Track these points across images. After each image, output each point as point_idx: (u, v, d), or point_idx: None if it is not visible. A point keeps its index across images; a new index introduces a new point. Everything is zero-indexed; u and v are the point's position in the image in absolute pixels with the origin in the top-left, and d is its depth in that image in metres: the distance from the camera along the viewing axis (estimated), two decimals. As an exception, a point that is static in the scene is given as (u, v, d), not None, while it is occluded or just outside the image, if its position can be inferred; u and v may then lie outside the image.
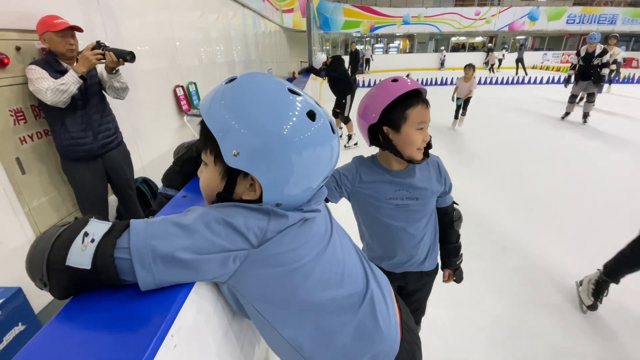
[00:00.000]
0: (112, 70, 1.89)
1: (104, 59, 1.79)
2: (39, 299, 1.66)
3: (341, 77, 5.01)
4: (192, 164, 0.90)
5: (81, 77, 1.72)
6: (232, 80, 0.54)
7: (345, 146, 5.03)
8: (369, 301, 0.62)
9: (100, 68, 1.95)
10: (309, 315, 0.57)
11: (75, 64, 1.82)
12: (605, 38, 6.24)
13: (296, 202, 0.57)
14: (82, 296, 0.47)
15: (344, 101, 4.99)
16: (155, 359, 0.40)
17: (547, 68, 17.13)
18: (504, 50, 16.80)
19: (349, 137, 5.08)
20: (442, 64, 17.66)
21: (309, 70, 5.46)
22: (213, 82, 4.39)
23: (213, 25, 4.50)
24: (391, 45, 21.95)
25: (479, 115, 6.66)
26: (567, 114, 6.28)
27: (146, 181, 2.63)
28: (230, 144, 0.50)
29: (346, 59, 7.13)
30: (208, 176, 0.58)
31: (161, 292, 0.48)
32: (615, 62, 7.57)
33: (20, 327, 1.47)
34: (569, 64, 6.30)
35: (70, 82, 1.68)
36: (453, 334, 1.69)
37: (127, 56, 1.81)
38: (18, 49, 1.73)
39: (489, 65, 14.98)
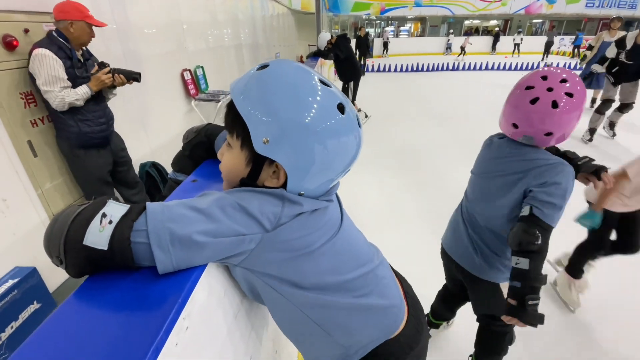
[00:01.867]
0: (115, 87, 1.97)
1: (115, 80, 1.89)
2: (54, 278, 1.71)
3: (348, 57, 4.87)
4: (202, 149, 0.90)
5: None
6: (263, 67, 0.54)
7: None
8: (375, 277, 0.66)
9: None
10: (318, 293, 0.58)
11: (80, 52, 1.86)
12: (606, 22, 5.01)
13: (317, 193, 0.58)
14: (96, 277, 0.48)
15: (346, 86, 4.89)
16: (168, 340, 0.40)
17: (564, 54, 16.54)
18: (521, 35, 16.17)
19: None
20: (447, 48, 17.28)
21: (316, 54, 5.36)
22: (220, 66, 4.34)
23: (220, 7, 4.41)
24: (402, 28, 21.33)
25: (485, 114, 5.56)
26: (592, 131, 4.25)
27: (155, 165, 2.65)
28: (262, 131, 0.51)
29: (353, 43, 6.92)
30: (232, 160, 0.58)
31: (174, 274, 0.49)
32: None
33: (35, 305, 1.52)
34: (583, 50, 5.00)
35: (83, 98, 1.79)
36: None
37: (137, 76, 1.94)
38: (26, 31, 1.72)
39: (462, 51, 15.13)
